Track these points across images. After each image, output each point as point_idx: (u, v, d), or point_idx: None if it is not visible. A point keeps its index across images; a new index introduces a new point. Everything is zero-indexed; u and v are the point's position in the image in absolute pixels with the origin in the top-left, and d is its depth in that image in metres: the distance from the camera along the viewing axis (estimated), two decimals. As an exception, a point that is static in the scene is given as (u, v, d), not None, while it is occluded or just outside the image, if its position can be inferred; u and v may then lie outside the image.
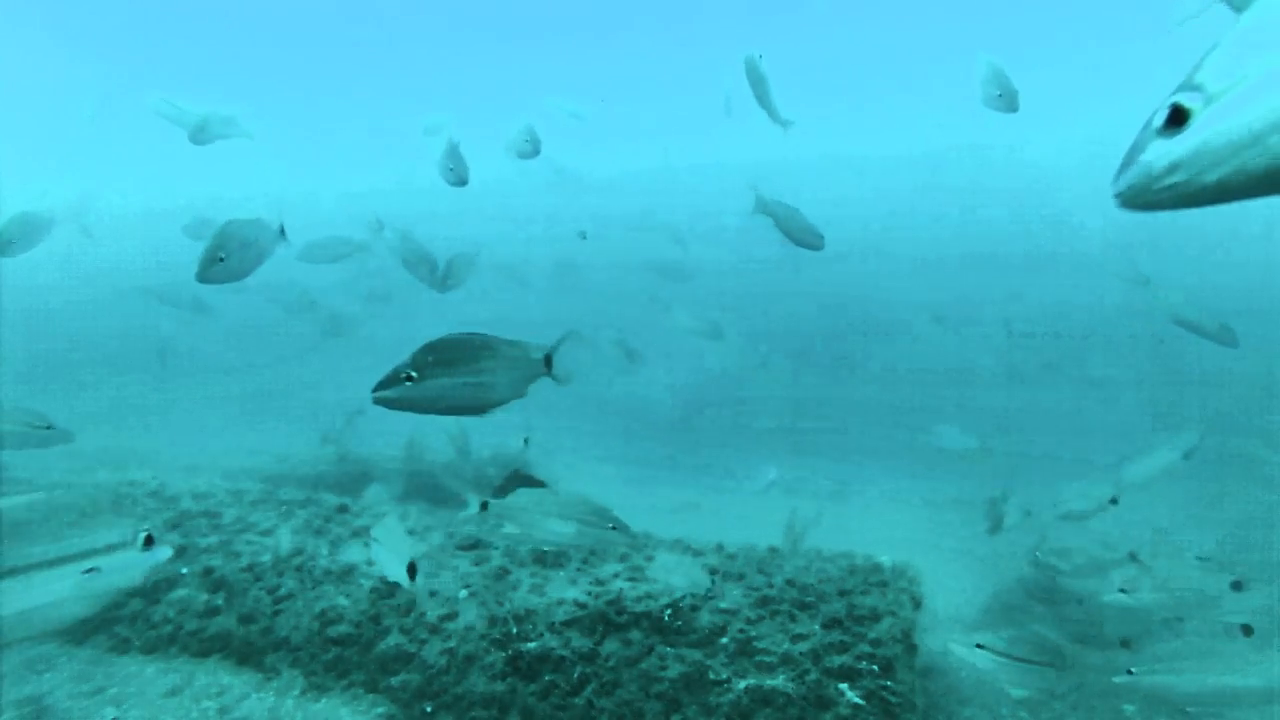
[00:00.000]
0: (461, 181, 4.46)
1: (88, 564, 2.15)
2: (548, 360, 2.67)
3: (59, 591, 2.11)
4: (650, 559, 4.19)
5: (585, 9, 30.98)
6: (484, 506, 3.11)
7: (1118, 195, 1.05)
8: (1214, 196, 0.98)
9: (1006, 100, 4.39)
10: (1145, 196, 1.01)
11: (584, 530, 3.11)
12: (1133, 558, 4.50)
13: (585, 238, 7.36)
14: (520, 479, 5.43)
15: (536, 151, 4.65)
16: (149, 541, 2.24)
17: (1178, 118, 0.96)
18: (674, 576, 3.91)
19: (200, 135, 5.06)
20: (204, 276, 3.29)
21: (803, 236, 4.42)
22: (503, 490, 5.35)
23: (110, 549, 2.21)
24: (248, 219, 3.42)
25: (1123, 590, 4.63)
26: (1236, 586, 4.32)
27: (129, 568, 2.24)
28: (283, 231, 3.56)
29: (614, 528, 3.14)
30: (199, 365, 12.46)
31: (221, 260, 3.30)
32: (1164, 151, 0.97)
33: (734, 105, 9.13)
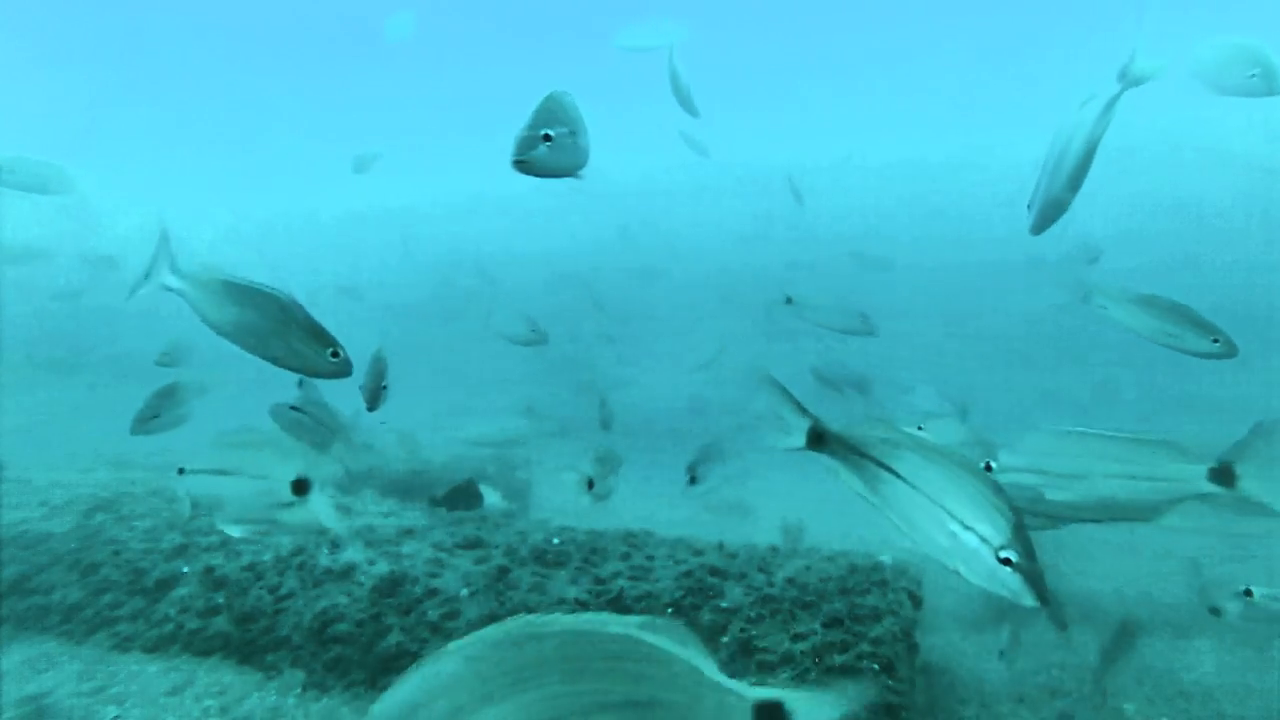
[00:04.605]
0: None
1: None
2: None
3: None
4: (651, 558, 4.19)
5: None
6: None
7: None
8: None
9: (1266, 80, 3.50)
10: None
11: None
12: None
13: (790, 301, 6.93)
14: (468, 489, 5.38)
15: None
16: None
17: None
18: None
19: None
20: None
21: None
22: (450, 499, 5.27)
23: None
24: None
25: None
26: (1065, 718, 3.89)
27: None
28: None
29: None
30: (196, 363, 12.42)
31: None
32: None
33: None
